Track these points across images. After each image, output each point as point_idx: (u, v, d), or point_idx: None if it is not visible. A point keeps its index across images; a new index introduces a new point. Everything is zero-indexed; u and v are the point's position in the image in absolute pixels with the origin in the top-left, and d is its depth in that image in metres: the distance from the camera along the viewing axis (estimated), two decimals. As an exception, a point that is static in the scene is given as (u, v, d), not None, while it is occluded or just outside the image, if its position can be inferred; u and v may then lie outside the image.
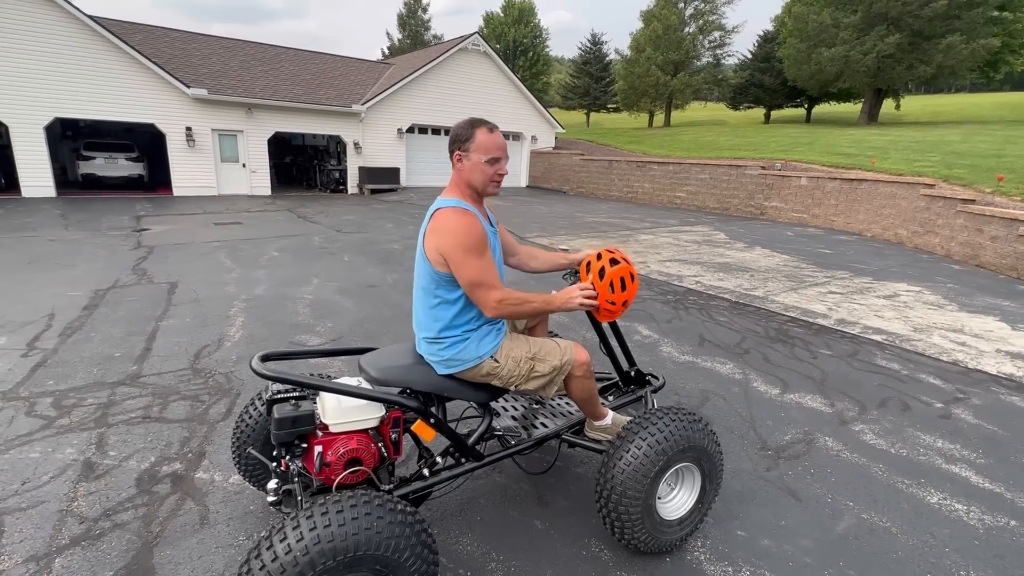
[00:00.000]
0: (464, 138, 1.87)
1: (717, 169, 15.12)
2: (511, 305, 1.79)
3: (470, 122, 1.90)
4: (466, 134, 1.87)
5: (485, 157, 1.86)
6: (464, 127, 1.90)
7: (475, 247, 1.76)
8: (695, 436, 1.97)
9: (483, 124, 1.90)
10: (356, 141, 17.65)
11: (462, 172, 1.90)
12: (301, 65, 18.75)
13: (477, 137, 1.86)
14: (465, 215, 1.81)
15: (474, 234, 1.77)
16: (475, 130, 1.87)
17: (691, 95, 34.25)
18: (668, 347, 4.35)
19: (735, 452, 2.81)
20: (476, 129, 1.87)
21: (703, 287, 6.29)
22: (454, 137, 1.90)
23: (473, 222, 1.79)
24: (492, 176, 1.90)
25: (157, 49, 15.55)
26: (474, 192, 1.93)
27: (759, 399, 3.46)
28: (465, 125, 1.90)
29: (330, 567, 1.38)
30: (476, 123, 1.89)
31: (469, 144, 1.87)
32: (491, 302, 1.76)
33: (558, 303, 1.92)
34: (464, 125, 1.91)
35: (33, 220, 10.19)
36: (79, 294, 5.54)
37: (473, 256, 1.74)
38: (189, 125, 14.77)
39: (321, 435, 1.76)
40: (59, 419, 3.03)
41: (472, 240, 1.76)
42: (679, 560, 2.06)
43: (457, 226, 1.77)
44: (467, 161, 1.88)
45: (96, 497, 2.37)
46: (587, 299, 1.93)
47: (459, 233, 1.76)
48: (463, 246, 1.74)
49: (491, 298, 1.75)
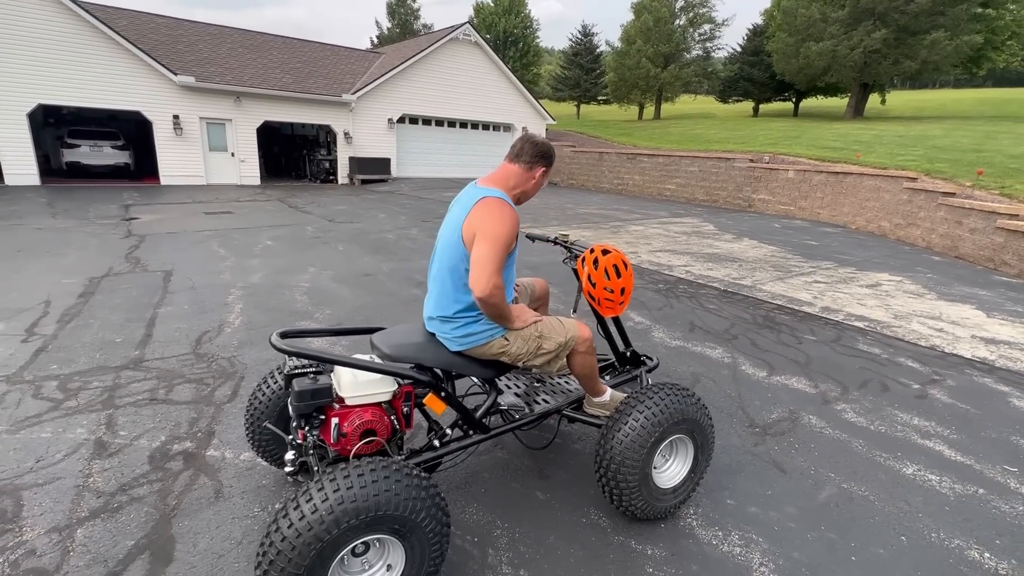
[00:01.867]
0: (550, 162, 2.10)
1: (706, 162, 15.30)
2: (498, 297, 1.87)
3: (553, 153, 2.14)
4: (552, 161, 2.11)
5: (546, 182, 2.11)
6: (552, 155, 2.12)
7: (507, 237, 1.87)
8: (688, 410, 2.10)
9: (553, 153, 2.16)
10: (346, 131, 17.55)
11: (529, 180, 2.08)
12: (290, 53, 18.55)
13: (551, 167, 2.12)
14: (511, 210, 1.96)
15: (514, 228, 1.91)
16: (553, 161, 2.13)
17: (681, 88, 34.41)
18: (660, 333, 4.49)
19: (724, 429, 2.96)
20: (554, 161, 2.13)
21: (693, 276, 6.44)
22: (547, 156, 2.09)
23: (515, 218, 1.93)
24: (539, 188, 2.16)
25: (143, 35, 15.29)
26: (518, 194, 2.07)
27: (747, 381, 3.61)
28: (553, 153, 2.13)
29: (353, 525, 1.48)
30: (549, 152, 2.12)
31: (550, 169, 2.11)
32: (491, 284, 1.82)
33: (511, 317, 2.01)
34: (553, 153, 2.13)
35: (18, 208, 10.05)
36: (73, 282, 5.53)
37: (502, 243, 1.85)
38: (176, 113, 14.59)
39: (338, 407, 1.85)
40: (66, 401, 3.08)
41: (511, 231, 1.88)
42: (673, 526, 2.19)
43: (504, 214, 1.90)
44: (543, 179, 2.10)
45: (111, 473, 2.44)
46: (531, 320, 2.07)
47: (503, 221, 1.88)
48: (500, 230, 1.86)
49: (492, 280, 1.83)
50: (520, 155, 2.04)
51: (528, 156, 2.03)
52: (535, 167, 2.03)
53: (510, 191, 2.03)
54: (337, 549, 1.49)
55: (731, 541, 2.12)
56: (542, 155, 2.04)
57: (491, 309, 1.88)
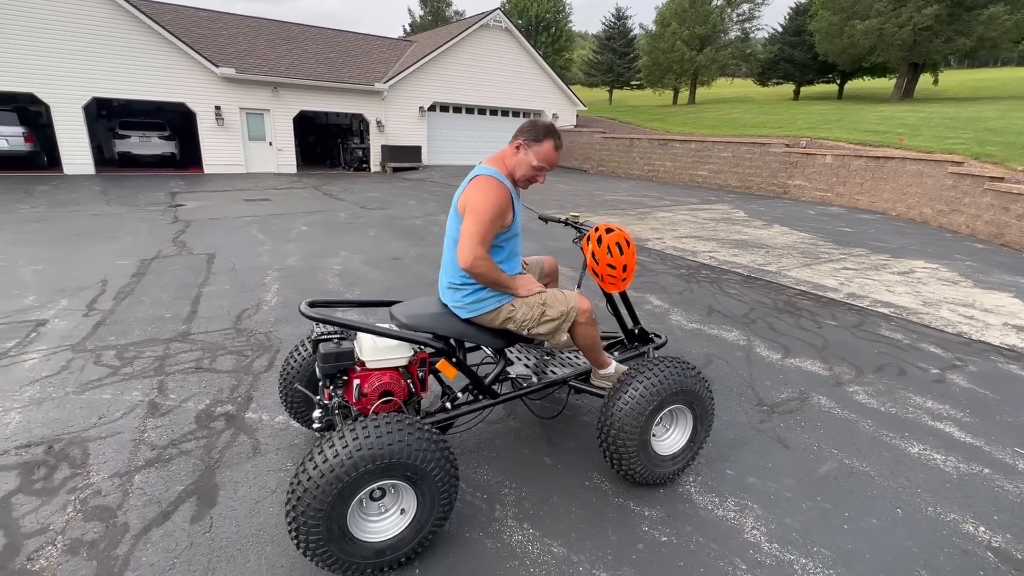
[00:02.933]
0: (535, 138, 2.10)
1: (740, 147, 14.95)
2: (483, 267, 2.02)
3: (548, 128, 2.12)
4: (539, 136, 2.10)
5: (536, 162, 2.11)
6: (542, 129, 2.11)
7: (492, 212, 2.00)
8: (687, 381, 2.20)
9: (556, 138, 2.13)
10: (378, 119, 17.89)
11: (514, 158, 2.13)
12: (325, 44, 18.96)
13: (544, 145, 2.10)
14: (497, 185, 2.06)
15: (498, 202, 2.02)
16: (547, 139, 2.10)
17: (717, 71, 33.38)
18: (677, 316, 4.56)
19: (732, 407, 3.04)
20: (548, 139, 2.11)
21: (717, 262, 6.43)
22: (528, 130, 2.11)
23: (501, 193, 2.04)
24: (531, 177, 2.16)
25: (187, 29, 15.92)
26: (511, 175, 2.17)
27: (760, 362, 3.66)
28: (543, 128, 2.12)
29: (370, 469, 1.67)
30: (551, 133, 2.12)
31: (535, 145, 2.10)
32: (472, 254, 1.97)
33: (514, 285, 2.16)
34: (543, 128, 2.12)
35: (77, 196, 10.74)
36: (127, 263, 5.96)
37: (486, 217, 1.99)
38: (218, 104, 15.19)
39: (359, 370, 2.05)
40: (123, 368, 3.41)
41: (494, 207, 2.01)
42: (672, 491, 2.32)
43: (488, 189, 2.02)
44: (523, 155, 2.12)
45: (163, 430, 2.73)
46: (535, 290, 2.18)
47: (490, 198, 2.01)
48: (485, 205, 1.99)
49: (474, 252, 1.98)
50: (512, 136, 2.16)
51: (514, 135, 2.15)
52: (516, 143, 2.12)
53: (506, 170, 2.15)
54: (356, 490, 1.68)
55: (726, 507, 2.23)
56: (524, 131, 2.12)
57: (480, 279, 2.05)
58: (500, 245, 2.15)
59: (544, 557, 1.95)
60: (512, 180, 2.17)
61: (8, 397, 3.01)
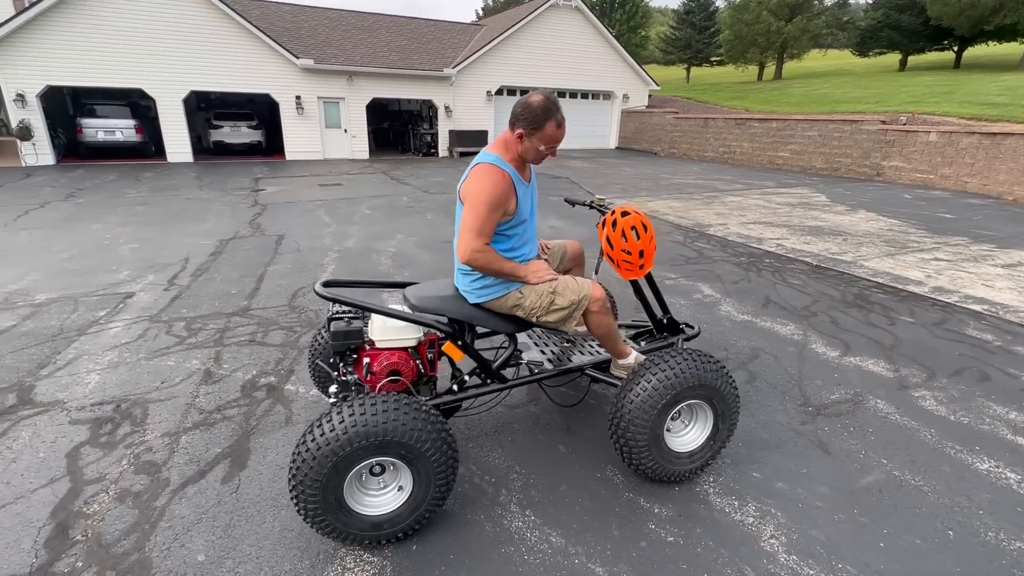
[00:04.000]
0: (534, 125, 1.96)
1: (828, 125, 13.71)
2: (481, 259, 1.97)
3: (544, 109, 1.94)
4: (538, 122, 1.95)
5: (543, 147, 2.01)
6: (538, 113, 1.94)
7: (490, 201, 1.95)
8: (706, 376, 2.07)
9: (554, 116, 1.96)
10: (447, 105, 18.15)
11: (518, 146, 2.02)
12: (397, 31, 19.44)
13: (545, 128, 1.97)
14: (496, 173, 1.99)
15: (495, 192, 1.96)
16: (547, 120, 1.96)
17: (809, 42, 30.66)
18: (728, 307, 4.29)
19: (772, 406, 2.83)
20: (547, 121, 1.96)
21: (784, 250, 5.97)
22: (524, 115, 1.95)
23: (500, 181, 1.98)
24: (540, 158, 2.06)
25: (272, 23, 16.91)
26: (519, 159, 2.08)
27: (814, 360, 3.37)
28: (540, 111, 1.94)
29: (364, 445, 1.72)
30: (549, 113, 1.95)
31: (537, 132, 1.97)
32: (469, 248, 1.94)
33: (523, 273, 2.09)
34: (539, 110, 1.94)
35: (175, 182, 11.84)
36: (208, 243, 6.51)
37: (484, 206, 1.94)
38: (298, 94, 16.06)
39: (369, 349, 2.11)
40: (188, 338, 3.74)
41: (491, 195, 1.95)
42: (688, 490, 2.20)
43: (488, 181, 1.97)
44: (527, 143, 2.00)
45: (212, 396, 2.97)
46: (546, 278, 2.10)
47: (486, 186, 1.96)
48: (482, 194, 1.95)
49: (471, 245, 1.94)
50: (510, 121, 2.07)
51: (511, 116, 2.05)
52: (515, 128, 2.02)
53: (510, 155, 2.08)
54: (351, 465, 1.74)
55: (746, 511, 2.09)
56: (515, 115, 2.00)
57: (480, 271, 2.01)
58: (506, 234, 2.10)
59: (541, 546, 1.93)
60: (518, 164, 2.10)
61: (92, 360, 3.40)
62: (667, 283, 4.88)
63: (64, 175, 12.32)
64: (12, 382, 3.10)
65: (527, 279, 2.11)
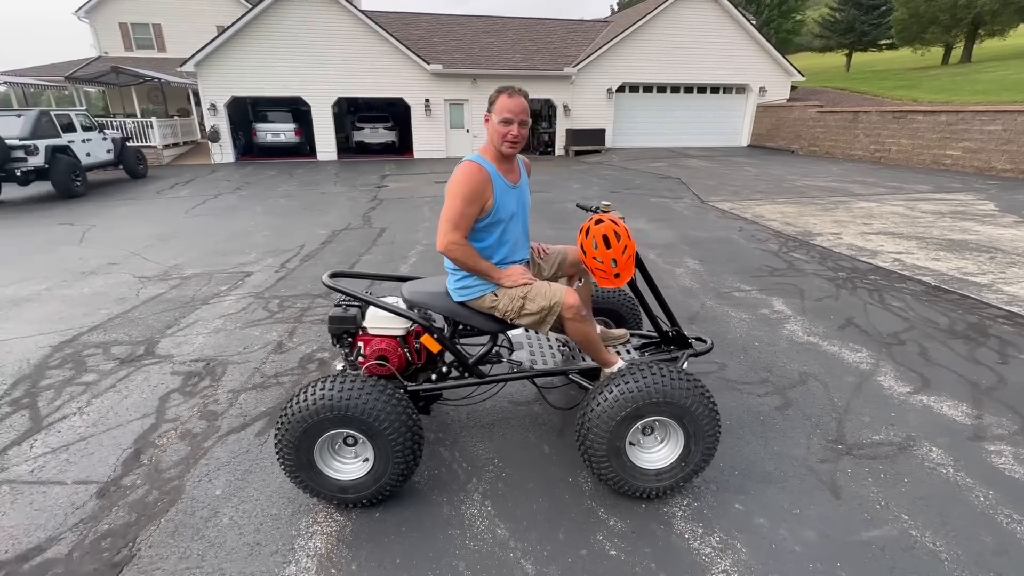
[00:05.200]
0: (491, 101, 2.15)
1: (1017, 118, 11.30)
2: (457, 252, 2.10)
3: (496, 90, 2.16)
4: (492, 97, 2.15)
5: (499, 118, 2.12)
6: (492, 94, 2.16)
7: (463, 193, 2.07)
8: (674, 393, 1.99)
9: (507, 89, 2.14)
10: (565, 104, 18.27)
11: (490, 134, 2.17)
12: (522, 33, 19.99)
13: (498, 100, 2.12)
14: (472, 168, 2.12)
15: (469, 184, 2.08)
16: (499, 95, 2.13)
17: (1014, 15, 25.17)
18: (795, 325, 3.88)
19: (794, 437, 2.57)
20: (500, 94, 2.13)
21: (900, 267, 5.16)
22: (488, 104, 2.17)
23: (473, 175, 2.10)
24: (504, 135, 2.14)
25: (409, 32, 18.45)
26: (498, 152, 2.20)
27: (873, 393, 2.95)
28: (493, 93, 2.16)
29: (328, 416, 1.98)
30: (502, 89, 2.14)
31: (492, 107, 2.14)
32: (446, 239, 2.09)
33: (497, 276, 2.18)
34: (493, 91, 2.17)
35: (318, 177, 13.57)
36: (323, 232, 7.45)
37: (458, 199, 2.07)
38: (427, 97, 17.36)
39: (362, 335, 2.37)
40: (277, 314, 4.39)
41: (464, 188, 2.08)
42: (654, 508, 2.13)
43: (460, 174, 2.11)
44: (489, 122, 2.16)
45: (275, 364, 3.50)
46: (520, 283, 2.16)
47: (459, 179, 2.10)
48: (456, 187, 2.08)
49: (447, 236, 2.08)
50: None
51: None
52: (484, 118, 2.14)
53: (488, 151, 2.18)
54: (319, 432, 2.02)
55: (707, 541, 1.97)
56: (489, 101, 2.14)
57: (457, 264, 2.15)
58: (485, 231, 2.21)
59: (485, 535, 2.03)
60: (502, 165, 2.19)
61: (203, 325, 4.18)
62: (735, 295, 4.54)
63: (238, 171, 14.79)
64: (145, 337, 3.95)
65: (501, 282, 2.21)
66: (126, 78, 16.43)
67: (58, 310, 4.57)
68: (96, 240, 7.23)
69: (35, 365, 3.55)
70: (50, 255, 6.48)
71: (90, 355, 3.69)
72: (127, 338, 3.97)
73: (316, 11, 15.90)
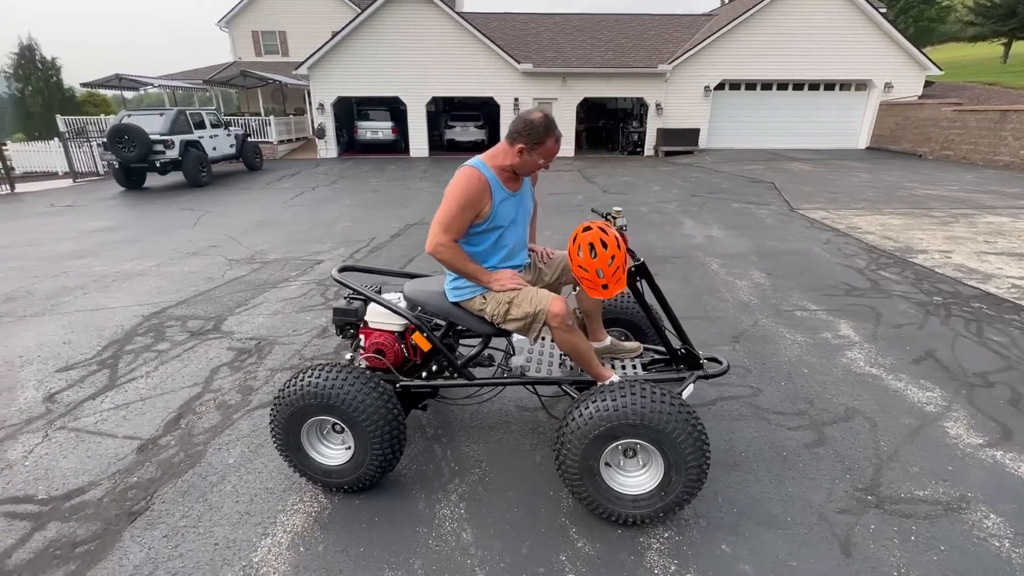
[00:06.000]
0: (536, 140, 2.05)
1: None
2: (445, 253, 2.09)
3: (546, 128, 2.05)
4: (540, 138, 2.05)
5: (541, 159, 2.11)
6: (540, 131, 2.04)
7: (460, 198, 2.07)
8: (653, 417, 1.85)
9: (554, 133, 2.07)
10: (658, 102, 17.59)
11: (516, 159, 2.10)
12: (618, 30, 19.51)
13: (547, 144, 2.07)
14: (472, 175, 2.11)
15: (467, 190, 2.08)
16: (547, 138, 2.06)
17: None
18: (859, 353, 3.44)
19: (815, 479, 2.28)
20: (548, 138, 2.06)
21: (1018, 294, 4.37)
22: (526, 132, 2.04)
23: (472, 181, 2.09)
24: (535, 168, 2.17)
25: (505, 32, 18.76)
26: (510, 171, 2.16)
27: (933, 441, 2.53)
28: (542, 127, 2.05)
29: (311, 403, 2.10)
30: (550, 131, 2.06)
31: (539, 148, 2.07)
32: (435, 241, 2.08)
33: (486, 280, 2.16)
34: (541, 127, 2.04)
35: (407, 173, 14.26)
36: (396, 226, 7.84)
37: (454, 203, 2.07)
38: (517, 96, 17.55)
39: (363, 327, 2.47)
40: (331, 301, 4.70)
41: (462, 193, 2.08)
42: (630, 536, 2.00)
43: (459, 179, 2.12)
44: (527, 157, 2.09)
45: (315, 348, 3.75)
46: (508, 287, 2.14)
47: (457, 184, 2.10)
48: (453, 192, 2.09)
49: (436, 238, 2.08)
50: (508, 136, 2.11)
51: (509, 132, 2.09)
52: (515, 143, 2.05)
53: (494, 162, 2.14)
54: (304, 417, 2.14)
55: (677, 579, 1.82)
56: (516, 131, 2.03)
57: (445, 265, 2.14)
58: (481, 236, 2.20)
59: (450, 537, 2.03)
60: (505, 174, 2.16)
61: (266, 307, 4.57)
62: (796, 315, 4.11)
63: (338, 166, 15.96)
64: (216, 315, 4.41)
65: (489, 285, 2.18)
66: (252, 80, 18.38)
67: (159, 285, 5.25)
68: (206, 225, 8.19)
69: (126, 331, 4.11)
70: (168, 236, 7.45)
71: (169, 326, 4.20)
72: (203, 313, 4.45)
73: (416, 14, 16.68)
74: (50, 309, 4.65)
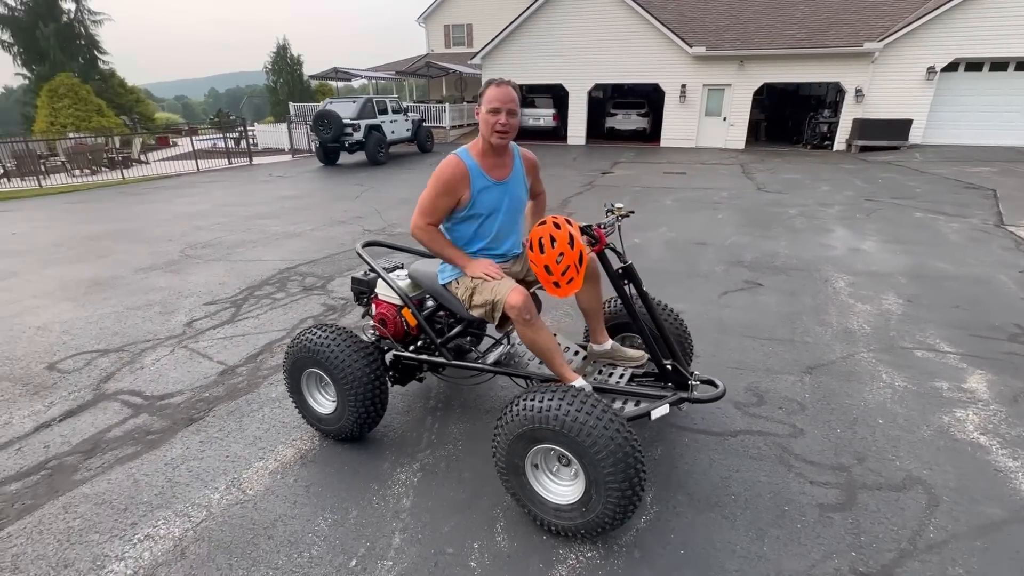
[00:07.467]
0: (480, 93, 2.16)
1: None
2: (422, 235, 2.18)
3: (488, 80, 2.15)
4: (482, 90, 2.15)
5: (487, 107, 2.12)
6: (482, 85, 2.16)
7: (436, 185, 2.15)
8: (575, 427, 1.73)
9: (496, 80, 2.13)
10: (859, 88, 14.93)
11: (481, 128, 2.17)
12: (820, 5, 16.89)
13: (487, 92, 2.12)
14: (451, 162, 2.17)
15: (443, 178, 2.15)
16: (487, 87, 2.13)
17: None
18: (975, 415, 2.64)
19: (805, 549, 1.89)
20: (488, 86, 2.13)
21: None
22: (478, 96, 2.18)
23: (449, 169, 2.15)
24: (493, 125, 2.12)
25: (681, 13, 17.64)
26: (487, 144, 2.21)
27: (1012, 547, 1.89)
28: (483, 84, 2.16)
29: (303, 356, 2.43)
30: (491, 81, 2.13)
31: (481, 98, 2.15)
32: (413, 221, 2.19)
33: (462, 263, 2.20)
34: (484, 83, 2.16)
35: (558, 160, 14.45)
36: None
37: (431, 189, 2.16)
38: (684, 82, 16.46)
39: (375, 298, 2.72)
40: (421, 274, 5.13)
41: (438, 180, 2.15)
42: (550, 546, 1.92)
43: (440, 167, 2.20)
44: (483, 116, 2.15)
45: (385, 314, 4.18)
46: (478, 274, 2.14)
47: (438, 170, 2.19)
48: (433, 178, 2.18)
49: (414, 220, 2.18)
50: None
51: None
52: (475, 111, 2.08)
53: (476, 145, 2.18)
54: (302, 367, 2.48)
55: (572, 600, 1.71)
56: (479, 95, 2.08)
57: (424, 245, 2.24)
58: (463, 223, 2.24)
59: (392, 500, 2.18)
60: (488, 160, 2.18)
61: (368, 273, 5.19)
62: (915, 354, 3.29)
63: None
64: (328, 275, 5.16)
65: (464, 269, 2.23)
66: (435, 71, 20.30)
67: (304, 246, 6.29)
68: (365, 199, 9.45)
69: (262, 280, 5.06)
70: (333, 206, 8.80)
71: (292, 280, 5.04)
72: (320, 272, 5.25)
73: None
74: (225, 256, 5.92)
